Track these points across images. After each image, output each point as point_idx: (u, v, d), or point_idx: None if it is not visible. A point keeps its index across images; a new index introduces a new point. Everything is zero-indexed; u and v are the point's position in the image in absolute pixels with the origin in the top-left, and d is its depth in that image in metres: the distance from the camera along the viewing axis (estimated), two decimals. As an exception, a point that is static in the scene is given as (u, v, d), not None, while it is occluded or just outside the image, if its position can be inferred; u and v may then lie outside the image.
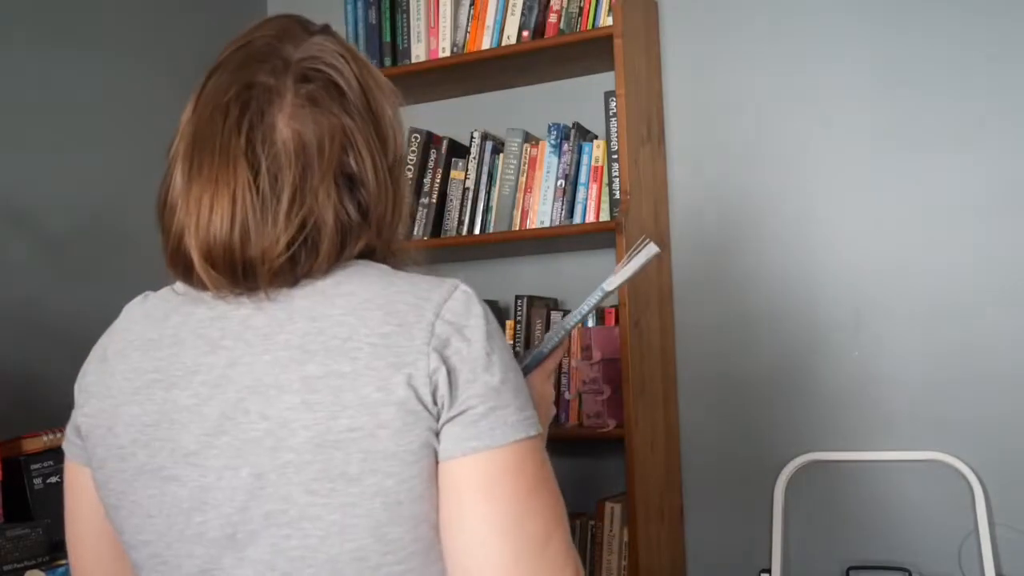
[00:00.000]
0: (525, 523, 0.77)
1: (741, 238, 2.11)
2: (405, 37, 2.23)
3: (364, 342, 0.77)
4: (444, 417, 0.77)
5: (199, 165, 0.82)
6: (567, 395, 2.02)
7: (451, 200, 2.17)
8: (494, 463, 0.77)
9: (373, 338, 0.77)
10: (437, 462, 0.77)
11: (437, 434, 0.77)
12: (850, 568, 1.96)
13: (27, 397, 1.91)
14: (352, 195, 0.83)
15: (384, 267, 0.85)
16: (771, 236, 2.08)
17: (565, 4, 2.05)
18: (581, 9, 2.03)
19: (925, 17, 1.97)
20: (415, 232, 2.16)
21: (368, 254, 0.86)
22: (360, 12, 2.27)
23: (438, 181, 2.17)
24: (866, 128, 2.01)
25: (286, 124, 0.81)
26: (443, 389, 0.76)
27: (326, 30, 0.91)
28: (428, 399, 0.76)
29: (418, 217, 2.17)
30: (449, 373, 0.76)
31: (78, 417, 0.92)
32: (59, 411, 1.90)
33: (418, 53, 2.21)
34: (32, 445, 1.58)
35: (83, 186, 2.11)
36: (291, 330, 0.79)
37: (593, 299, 1.14)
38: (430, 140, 2.20)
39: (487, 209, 2.11)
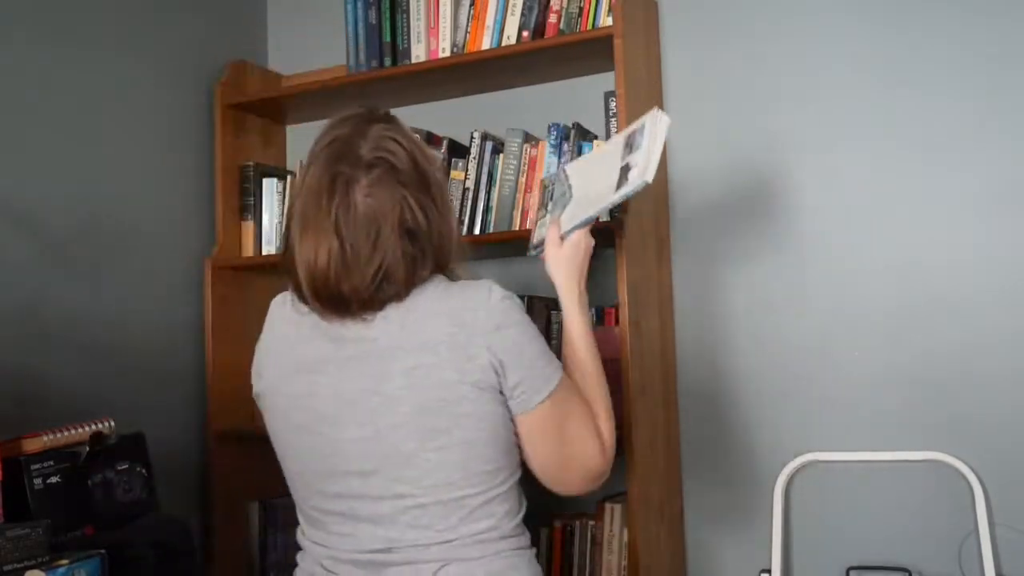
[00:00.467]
0: (566, 432, 1.27)
1: (741, 238, 2.11)
2: (405, 37, 2.23)
3: (440, 341, 1.19)
4: (504, 389, 1.21)
5: (306, 230, 1.21)
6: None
7: (451, 200, 2.16)
8: (543, 409, 1.24)
9: (445, 337, 1.19)
10: (506, 417, 1.23)
11: (503, 402, 1.22)
12: (850, 568, 1.96)
13: (27, 397, 1.91)
14: (413, 241, 1.21)
15: (442, 283, 1.25)
16: (771, 236, 2.08)
17: (565, 4, 2.05)
18: (581, 9, 2.03)
19: (925, 17, 1.97)
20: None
21: (437, 269, 1.26)
22: (360, 12, 2.27)
23: (438, 181, 2.16)
24: (866, 128, 2.01)
25: (361, 200, 1.19)
26: (499, 371, 1.20)
27: (387, 118, 1.29)
28: (492, 378, 1.20)
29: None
30: (500, 360, 1.19)
31: (257, 386, 1.34)
32: (59, 411, 1.90)
33: (418, 53, 2.21)
34: (32, 445, 1.58)
35: (83, 186, 2.11)
36: (389, 336, 1.20)
37: (630, 188, 1.44)
38: (430, 140, 2.20)
39: (487, 209, 2.11)
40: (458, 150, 2.20)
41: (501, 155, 2.12)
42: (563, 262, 1.45)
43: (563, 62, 2.15)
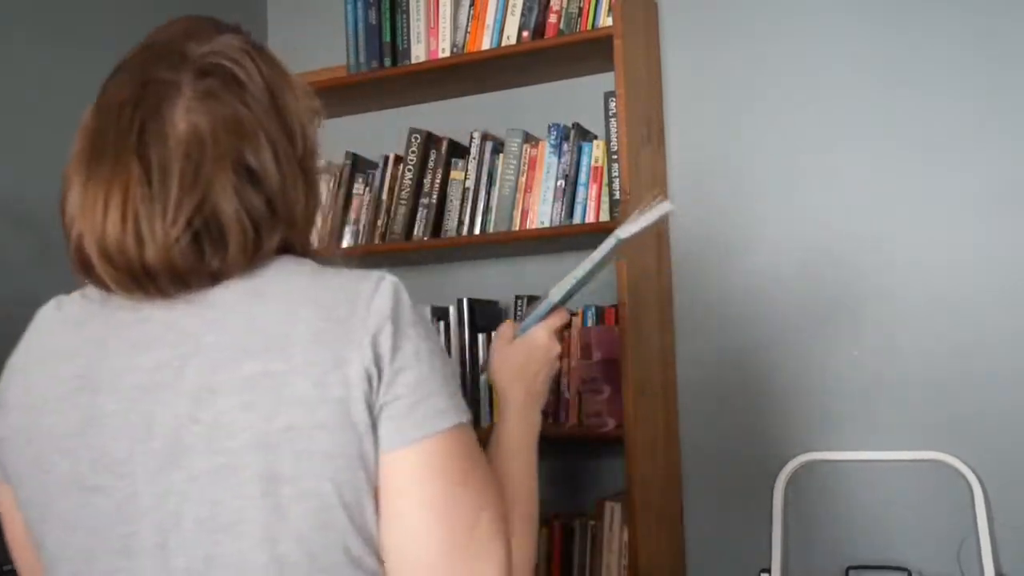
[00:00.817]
0: (454, 509, 0.79)
1: (741, 238, 2.11)
2: (405, 37, 2.22)
3: (300, 339, 0.77)
4: (378, 405, 0.77)
5: (96, 167, 0.81)
6: (567, 395, 2.02)
7: (451, 200, 2.17)
8: (426, 452, 0.78)
9: (308, 335, 0.77)
10: (375, 466, 0.77)
11: (374, 427, 0.77)
12: (850, 568, 1.96)
13: (27, 397, 1.91)
14: (256, 188, 0.80)
15: (310, 262, 0.85)
16: (771, 236, 2.08)
17: (565, 4, 2.05)
18: (581, 9, 2.03)
19: (925, 17, 1.97)
20: (416, 232, 2.16)
21: (287, 250, 0.85)
22: (360, 12, 2.27)
23: (438, 181, 2.17)
24: (866, 128, 2.01)
25: (182, 118, 0.79)
26: (375, 381, 0.76)
27: (236, 29, 0.88)
28: (366, 391, 0.76)
29: (418, 217, 2.17)
30: (379, 364, 0.77)
31: None
32: (59, 411, 1.90)
33: (418, 53, 2.21)
34: (32, 445, 1.58)
35: (83, 186, 2.11)
36: (222, 330, 0.78)
37: (605, 247, 1.11)
38: (430, 140, 2.20)
39: (487, 209, 2.11)
40: (458, 150, 2.20)
41: (501, 155, 2.12)
42: (508, 360, 1.09)
43: (563, 62, 2.15)
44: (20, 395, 0.85)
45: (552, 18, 2.06)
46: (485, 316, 2.17)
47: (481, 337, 2.12)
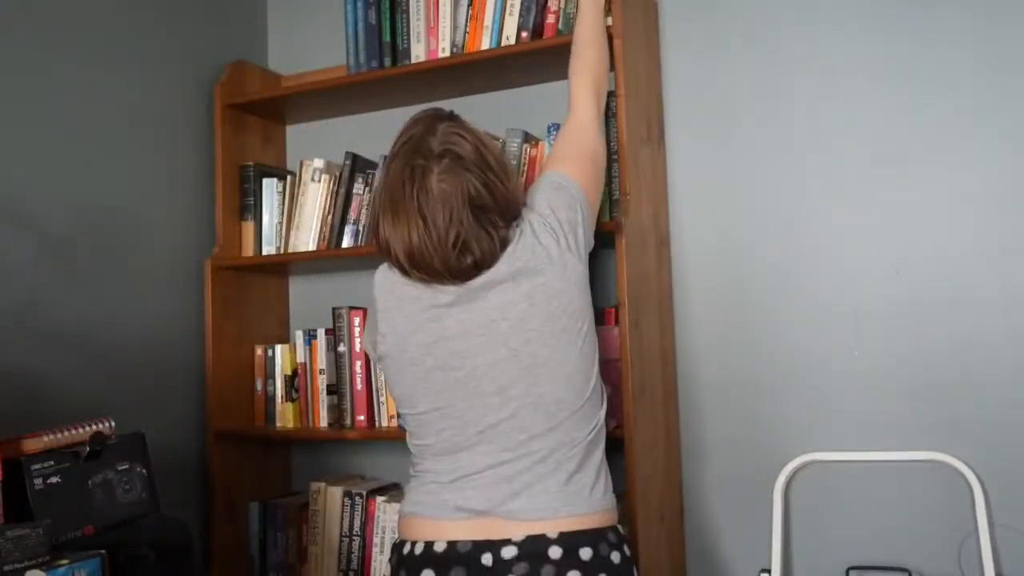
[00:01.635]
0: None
1: (741, 238, 2.11)
2: (405, 37, 2.22)
3: (541, 264, 1.49)
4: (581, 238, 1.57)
5: (394, 215, 1.47)
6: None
7: (451, 200, 2.16)
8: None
9: (543, 256, 1.50)
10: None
11: (581, 247, 1.57)
12: (850, 568, 1.96)
13: (27, 397, 1.91)
14: (482, 212, 1.46)
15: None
16: (771, 236, 2.08)
17: (562, 4, 2.05)
18: (578, 9, 2.03)
19: (925, 17, 1.97)
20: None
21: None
22: (360, 12, 2.27)
23: (438, 181, 2.17)
24: (866, 128, 2.01)
25: (435, 185, 1.45)
26: (574, 222, 1.57)
27: (451, 117, 1.58)
28: (574, 237, 1.55)
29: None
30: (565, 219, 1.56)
31: (380, 347, 1.55)
32: (59, 411, 1.90)
33: (418, 53, 2.21)
34: (32, 445, 1.58)
35: (83, 186, 2.11)
36: (499, 288, 1.47)
37: None
38: (430, 140, 2.19)
39: (487, 209, 2.11)
40: (458, 150, 2.20)
41: (501, 155, 2.11)
42: None
43: (563, 62, 2.14)
44: (391, 328, 1.52)
45: (550, 18, 2.06)
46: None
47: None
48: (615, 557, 1.42)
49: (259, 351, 2.41)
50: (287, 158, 2.63)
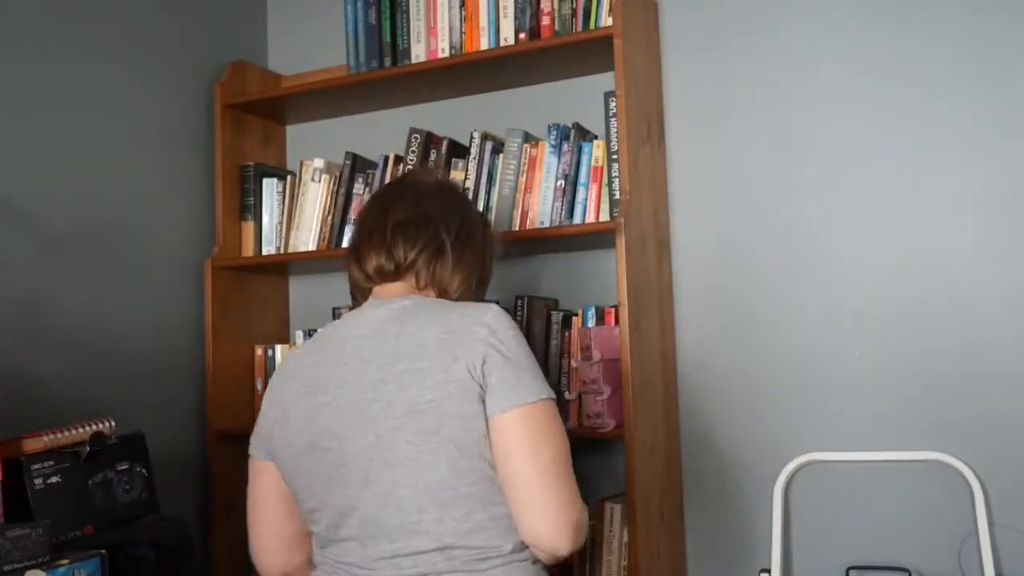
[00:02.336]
0: (542, 452, 1.25)
1: (741, 238, 2.11)
2: (405, 37, 2.23)
3: (432, 347, 1.27)
4: (484, 388, 1.24)
5: (365, 242, 1.45)
6: (567, 395, 2.02)
7: (451, 200, 2.17)
8: (518, 416, 1.25)
9: (436, 343, 1.27)
10: (486, 418, 1.24)
11: (483, 400, 1.24)
12: (850, 568, 1.96)
13: (27, 397, 1.91)
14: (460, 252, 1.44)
15: (442, 301, 1.39)
16: (771, 236, 2.08)
17: (557, 6, 2.05)
18: (573, 11, 2.03)
19: (925, 17, 1.97)
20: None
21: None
22: (360, 12, 2.27)
23: (438, 181, 2.17)
24: (866, 128, 2.01)
25: (424, 190, 1.49)
26: (481, 369, 1.24)
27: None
28: (478, 376, 1.24)
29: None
30: (485, 360, 1.25)
31: (262, 427, 1.41)
32: (59, 411, 1.90)
33: (418, 53, 2.21)
34: (32, 445, 1.58)
35: (83, 186, 2.11)
36: (387, 345, 1.30)
37: None
38: (430, 140, 2.19)
39: (487, 209, 2.11)
40: (458, 150, 2.20)
41: (501, 155, 2.12)
42: None
43: (563, 62, 2.15)
44: (270, 405, 1.41)
45: (545, 20, 2.07)
46: (485, 316, 2.17)
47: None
48: None
49: (259, 351, 2.41)
50: (287, 158, 2.63)
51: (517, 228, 2.07)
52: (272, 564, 1.42)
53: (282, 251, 2.35)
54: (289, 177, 2.41)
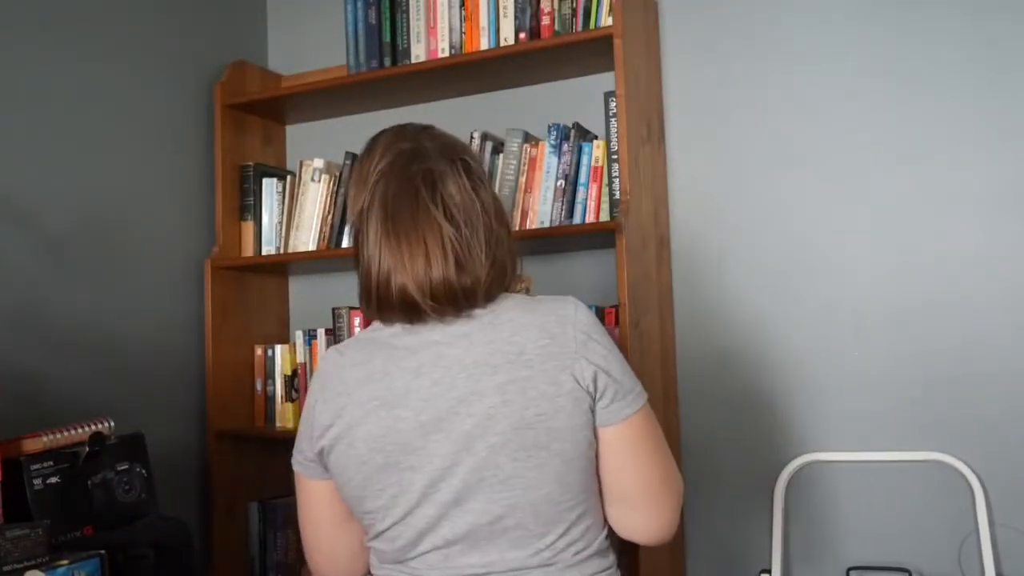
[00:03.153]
0: (654, 456, 1.22)
1: (741, 238, 2.11)
2: (405, 37, 2.23)
3: (533, 354, 1.15)
4: (596, 399, 1.16)
5: (405, 237, 1.17)
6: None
7: (451, 200, 2.17)
8: (630, 425, 1.19)
9: (538, 350, 1.15)
10: (595, 428, 1.17)
11: (593, 410, 1.16)
12: (850, 568, 1.96)
13: (27, 397, 1.91)
14: (502, 242, 1.24)
15: (521, 296, 1.23)
16: (771, 236, 2.08)
17: (557, 6, 2.05)
18: (573, 11, 2.03)
19: (925, 17, 1.97)
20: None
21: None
22: (360, 12, 2.27)
23: (438, 181, 2.17)
24: (866, 128, 2.01)
25: (458, 192, 1.21)
26: (595, 379, 1.16)
27: (429, 127, 1.37)
28: (588, 386, 1.15)
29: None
30: (594, 370, 1.16)
31: (319, 443, 1.23)
32: (59, 411, 1.90)
33: (418, 53, 2.21)
34: (32, 445, 1.58)
35: (83, 186, 2.11)
36: (476, 352, 1.16)
37: None
38: (430, 140, 2.19)
39: (487, 209, 2.11)
40: (458, 150, 2.20)
41: (501, 155, 2.12)
42: None
43: (563, 62, 2.15)
44: (333, 415, 1.21)
45: (545, 20, 2.07)
46: (485, 316, 2.17)
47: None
48: None
49: (259, 351, 2.41)
50: (287, 158, 2.63)
51: (517, 228, 2.07)
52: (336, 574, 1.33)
53: (282, 251, 2.35)
54: (289, 177, 2.41)
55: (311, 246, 2.31)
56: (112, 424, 1.70)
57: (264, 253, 2.39)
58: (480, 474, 1.14)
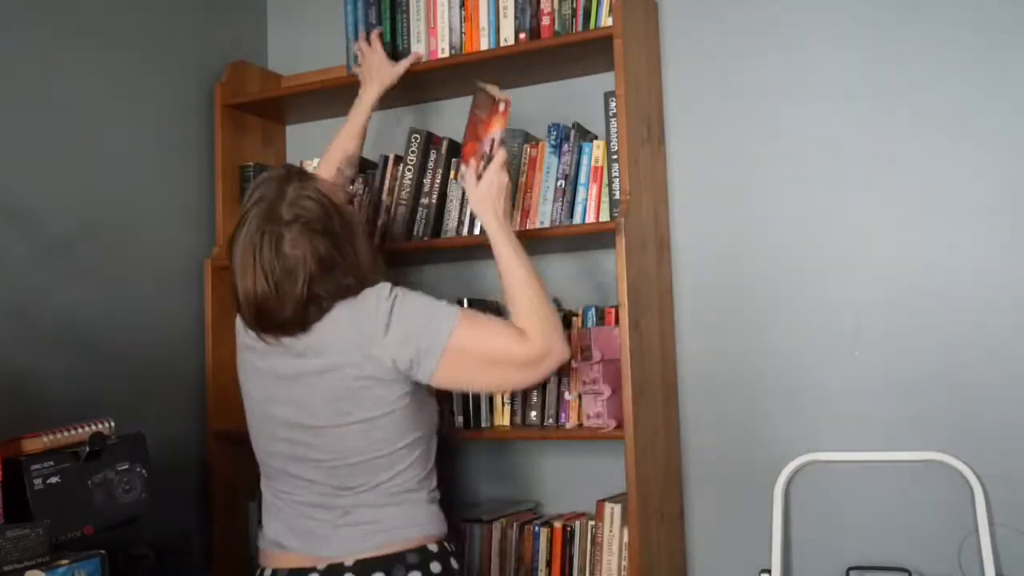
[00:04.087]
0: (480, 354, 1.57)
1: (741, 238, 2.11)
2: (405, 37, 2.22)
3: (347, 345, 1.53)
4: (407, 372, 1.54)
5: (245, 273, 1.52)
6: (567, 395, 2.02)
7: (451, 200, 2.17)
8: (444, 363, 1.53)
9: (348, 343, 1.53)
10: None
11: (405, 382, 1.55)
12: (850, 568, 1.96)
13: (27, 397, 1.91)
14: (331, 272, 1.55)
15: (351, 301, 1.56)
16: (771, 236, 2.08)
17: (557, 6, 2.05)
18: (573, 11, 2.03)
19: (925, 17, 1.97)
20: (416, 232, 2.17)
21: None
22: (360, 12, 2.26)
23: (438, 181, 2.17)
24: (866, 128, 2.01)
25: (289, 251, 1.51)
26: (396, 361, 1.53)
27: (301, 176, 1.60)
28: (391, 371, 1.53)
29: (418, 217, 2.17)
30: (394, 357, 1.52)
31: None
32: (59, 411, 1.90)
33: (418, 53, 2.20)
34: (32, 445, 1.58)
35: (83, 186, 2.11)
36: (310, 345, 1.55)
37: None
38: (430, 140, 2.19)
39: (487, 209, 2.11)
40: (458, 150, 2.20)
41: (501, 155, 2.11)
42: (478, 199, 1.77)
43: (563, 62, 2.15)
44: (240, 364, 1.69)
45: (545, 20, 2.06)
46: (485, 316, 2.17)
47: (481, 337, 2.12)
48: None
49: (258, 352, 2.41)
50: (287, 158, 2.63)
51: (517, 228, 2.07)
52: None
53: (282, 251, 2.35)
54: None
55: (311, 246, 2.30)
56: (112, 424, 1.70)
57: (264, 253, 2.38)
58: (302, 420, 1.60)
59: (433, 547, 1.58)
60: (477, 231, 2.11)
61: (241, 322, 1.62)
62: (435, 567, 1.55)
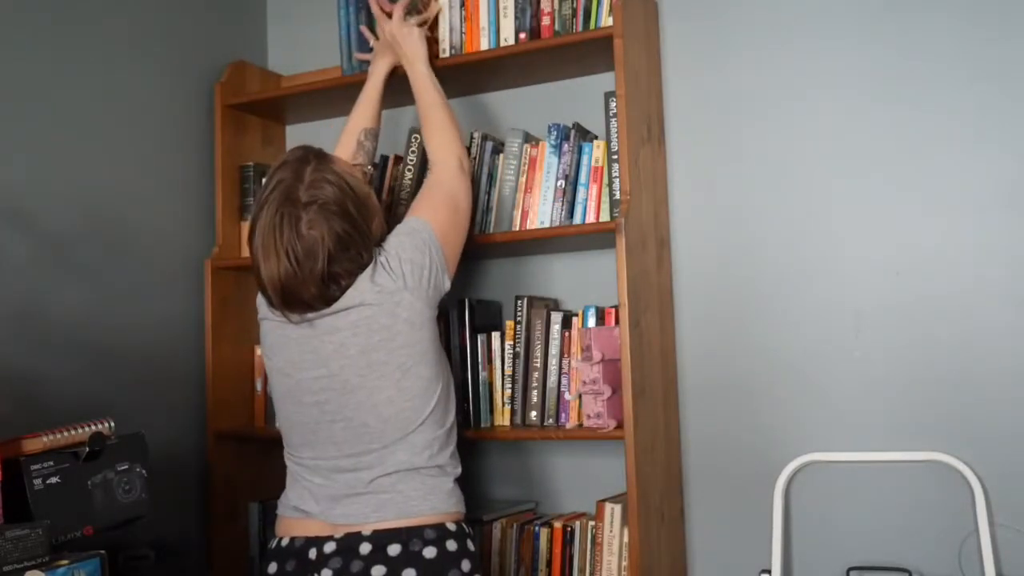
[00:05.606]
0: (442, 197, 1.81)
1: (741, 238, 2.11)
2: (405, 37, 2.22)
3: (370, 298, 1.63)
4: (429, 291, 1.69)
5: (267, 256, 1.59)
6: (567, 395, 2.02)
7: (451, 200, 2.17)
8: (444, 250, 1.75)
9: (374, 297, 1.63)
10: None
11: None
12: (850, 568, 1.96)
13: (27, 397, 1.91)
14: (348, 248, 1.62)
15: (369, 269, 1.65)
16: (771, 236, 2.08)
17: (557, 6, 2.05)
18: (574, 11, 2.03)
19: (925, 17, 1.97)
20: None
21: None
22: (352, 16, 2.26)
23: (438, 181, 2.17)
24: (866, 128, 2.01)
25: (306, 231, 1.57)
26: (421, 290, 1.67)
27: (319, 157, 1.68)
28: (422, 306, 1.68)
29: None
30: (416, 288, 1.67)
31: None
32: (59, 411, 1.90)
33: (418, 53, 2.20)
34: (32, 445, 1.58)
35: (83, 186, 2.11)
36: (332, 316, 1.63)
37: None
38: (430, 140, 2.19)
39: (487, 209, 2.11)
40: (458, 150, 2.20)
41: (501, 155, 2.12)
42: (390, 44, 2.05)
43: (563, 62, 2.15)
44: (263, 339, 1.76)
45: (545, 20, 2.06)
46: (485, 316, 2.17)
47: (481, 337, 2.12)
48: (428, 552, 1.55)
49: (259, 351, 2.41)
50: (287, 158, 2.62)
51: (517, 228, 2.07)
52: None
53: (282, 251, 2.35)
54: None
55: (311, 246, 2.30)
56: (112, 424, 1.70)
57: (264, 253, 2.38)
58: (333, 384, 1.68)
59: (451, 525, 1.61)
60: (477, 230, 2.11)
61: (263, 300, 1.67)
62: (451, 545, 1.58)
